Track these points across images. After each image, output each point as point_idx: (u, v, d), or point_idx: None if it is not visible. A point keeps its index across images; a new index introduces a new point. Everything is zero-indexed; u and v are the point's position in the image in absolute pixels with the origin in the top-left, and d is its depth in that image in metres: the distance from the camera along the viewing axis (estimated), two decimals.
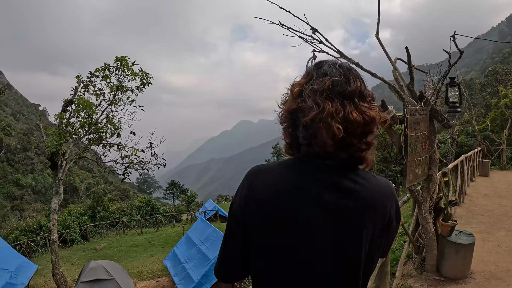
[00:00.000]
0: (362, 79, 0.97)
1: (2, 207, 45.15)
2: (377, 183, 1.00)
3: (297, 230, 0.95)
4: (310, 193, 0.95)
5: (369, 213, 0.96)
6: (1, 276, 11.47)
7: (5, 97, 71.34)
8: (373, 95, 0.98)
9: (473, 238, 3.78)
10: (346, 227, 0.94)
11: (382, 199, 0.99)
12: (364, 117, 0.91)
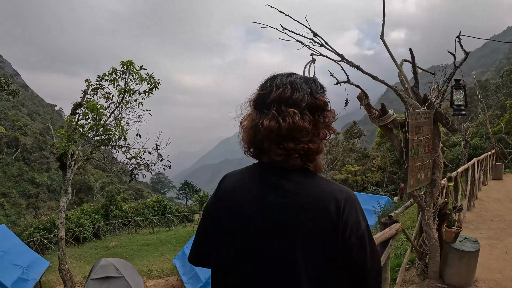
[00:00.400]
0: (295, 87, 1.03)
1: (17, 205, 46.28)
2: (325, 187, 1.02)
3: (242, 230, 1.04)
4: (250, 191, 1.06)
5: (305, 215, 0.99)
6: (13, 272, 11.68)
7: (22, 98, 73.05)
8: (320, 104, 1.04)
9: (478, 245, 3.68)
10: (281, 227, 1.00)
11: (323, 203, 0.99)
12: (279, 123, 0.98)
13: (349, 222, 0.99)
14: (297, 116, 0.99)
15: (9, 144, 55.18)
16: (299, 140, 1.00)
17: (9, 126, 57.53)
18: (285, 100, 1.01)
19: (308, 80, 1.08)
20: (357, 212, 1.02)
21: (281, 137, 0.99)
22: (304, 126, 0.99)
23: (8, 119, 59.57)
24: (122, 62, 8.52)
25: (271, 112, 1.00)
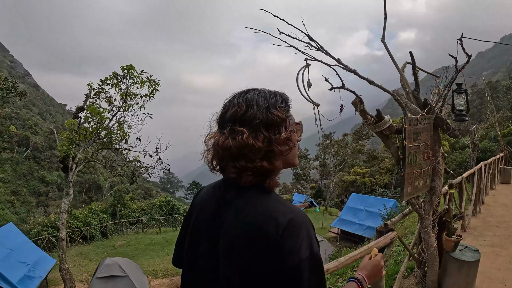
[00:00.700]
0: (250, 104, 1.03)
1: (27, 203, 47.00)
2: (270, 207, 1.00)
3: (198, 237, 1.10)
4: (211, 204, 1.11)
5: (246, 234, 0.98)
6: (20, 269, 11.89)
7: (33, 97, 74.17)
8: (275, 120, 1.03)
9: (479, 254, 3.57)
10: (226, 243, 1.01)
11: (263, 224, 0.97)
12: (257, 144, 0.99)
13: (286, 248, 0.93)
14: (245, 134, 0.99)
15: (20, 143, 56.13)
16: (251, 159, 1.00)
17: (20, 125, 58.51)
18: (238, 118, 1.02)
19: (270, 95, 1.07)
20: (299, 238, 0.95)
21: (233, 155, 1.01)
22: (254, 145, 0.98)
23: (19, 118, 60.58)
24: (123, 67, 8.61)
25: (226, 131, 1.02)
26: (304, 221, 0.98)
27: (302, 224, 0.97)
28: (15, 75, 63.68)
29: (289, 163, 1.13)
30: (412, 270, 4.14)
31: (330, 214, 30.65)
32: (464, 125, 34.18)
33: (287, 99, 1.11)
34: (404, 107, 3.36)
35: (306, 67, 3.10)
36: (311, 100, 3.02)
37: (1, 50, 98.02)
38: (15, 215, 41.89)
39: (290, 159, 1.12)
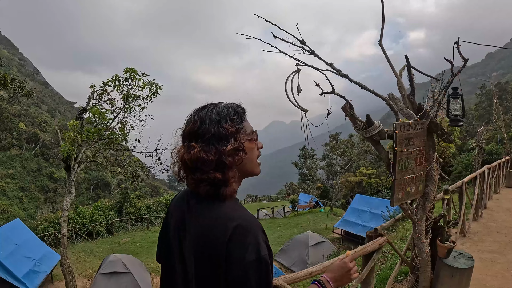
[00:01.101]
0: (203, 119, 1.12)
1: (36, 199, 47.63)
2: (221, 214, 1.07)
3: (170, 238, 1.21)
4: (179, 210, 1.20)
5: (200, 240, 1.06)
6: (25, 264, 12.13)
7: (42, 95, 75.04)
8: (224, 133, 1.10)
9: (472, 262, 3.52)
10: (186, 247, 1.11)
11: (214, 230, 1.04)
12: (209, 156, 1.07)
13: (233, 252, 1.00)
14: (196, 149, 1.07)
15: (29, 140, 56.88)
16: (203, 171, 1.07)
17: (29, 123, 59.27)
18: (193, 133, 1.11)
19: (223, 109, 1.15)
20: (246, 242, 1.01)
21: (189, 168, 1.10)
22: (204, 157, 1.07)
23: (28, 115, 61.38)
24: (126, 69, 8.81)
25: (184, 146, 1.12)
26: (251, 226, 1.04)
27: (249, 229, 1.03)
28: (25, 73, 64.73)
29: (247, 172, 1.20)
30: (406, 274, 4.10)
31: (335, 214, 30.53)
32: (471, 127, 33.71)
33: (240, 111, 1.18)
34: (398, 111, 3.33)
35: (296, 72, 3.09)
36: (298, 106, 3.02)
37: (11, 48, 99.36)
38: (23, 211, 42.49)
39: (247, 168, 1.18)
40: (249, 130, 1.19)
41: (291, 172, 61.28)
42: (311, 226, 25.12)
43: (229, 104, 1.18)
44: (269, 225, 27.58)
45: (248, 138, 1.17)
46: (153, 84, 9.07)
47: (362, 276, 3.02)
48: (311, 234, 17.51)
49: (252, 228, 1.04)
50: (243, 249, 0.99)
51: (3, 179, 47.36)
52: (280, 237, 23.07)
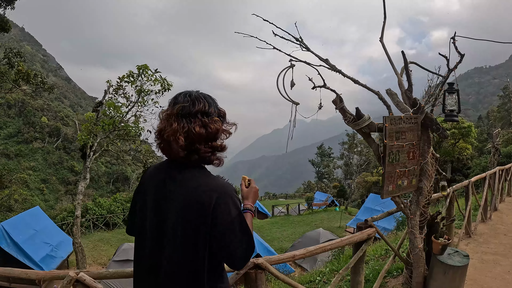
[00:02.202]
0: (209, 102, 1.41)
1: (56, 191, 49.15)
2: (205, 182, 1.35)
3: (148, 208, 1.41)
4: (159, 181, 1.41)
5: (186, 202, 1.32)
6: (43, 249, 12.71)
7: (64, 90, 77.23)
8: (221, 112, 1.46)
9: (467, 260, 3.48)
10: (171, 209, 1.34)
11: (200, 194, 1.31)
12: (207, 129, 1.36)
13: (219, 211, 1.30)
14: (218, 122, 1.40)
15: (51, 133, 58.72)
16: (211, 142, 1.39)
17: (52, 117, 61.20)
18: (203, 112, 1.38)
19: (209, 96, 1.46)
20: (229, 204, 1.32)
21: (200, 140, 1.36)
22: (220, 129, 1.41)
23: (51, 110, 63.38)
24: (138, 66, 9.19)
25: (198, 120, 1.36)
26: (230, 191, 1.36)
27: (228, 193, 1.35)
28: (48, 68, 66.82)
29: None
30: (403, 270, 4.10)
31: (350, 213, 30.25)
32: (494, 129, 32.61)
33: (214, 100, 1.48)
34: (390, 106, 3.33)
35: (289, 67, 3.15)
36: (289, 99, 3.08)
37: (34, 44, 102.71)
38: (44, 202, 43.98)
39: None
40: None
41: (309, 170, 60.95)
42: (325, 224, 25.02)
43: (207, 94, 1.47)
44: (283, 222, 27.62)
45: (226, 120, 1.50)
46: (164, 80, 9.43)
47: (350, 265, 3.06)
48: (322, 231, 17.45)
49: (231, 192, 1.36)
50: (228, 208, 1.32)
51: (25, 170, 49.14)
52: (293, 234, 23.09)
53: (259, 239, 14.18)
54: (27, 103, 58.30)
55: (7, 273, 2.74)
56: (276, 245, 19.70)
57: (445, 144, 21.30)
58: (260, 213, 30.83)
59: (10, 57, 11.50)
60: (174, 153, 1.36)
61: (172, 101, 1.41)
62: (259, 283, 2.36)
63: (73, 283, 2.46)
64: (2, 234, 11.73)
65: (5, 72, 11.44)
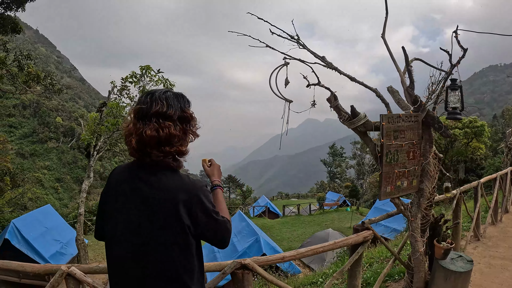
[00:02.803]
0: (169, 104, 1.37)
1: (70, 190, 50.06)
2: (178, 182, 1.36)
3: (118, 210, 1.38)
4: (128, 182, 1.39)
5: (161, 202, 1.32)
6: (53, 246, 12.94)
7: (79, 91, 78.59)
8: (185, 115, 1.41)
9: (471, 265, 3.32)
10: (145, 210, 1.33)
11: (175, 193, 1.33)
12: (159, 133, 1.32)
13: (194, 205, 1.34)
14: (172, 127, 1.35)
15: (66, 133, 59.83)
16: (172, 145, 1.36)
17: (66, 117, 62.34)
18: (162, 114, 1.34)
19: (180, 96, 1.44)
20: (201, 198, 1.36)
21: (158, 143, 1.33)
22: (177, 134, 1.36)
23: (66, 110, 64.59)
24: (141, 67, 9.30)
25: (151, 123, 1.33)
26: (202, 188, 1.40)
27: (200, 190, 1.38)
28: (62, 69, 68.13)
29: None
30: (405, 274, 3.96)
31: (361, 214, 29.91)
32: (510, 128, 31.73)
33: (189, 101, 1.48)
34: (388, 104, 3.21)
35: (284, 65, 3.07)
36: (282, 97, 3.00)
37: (48, 45, 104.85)
38: (58, 200, 44.83)
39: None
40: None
41: (322, 170, 60.59)
42: (335, 225, 24.79)
43: (179, 93, 1.46)
44: (294, 222, 27.50)
45: (194, 122, 1.47)
46: (167, 80, 9.53)
47: (344, 269, 2.96)
48: (331, 232, 17.26)
49: (202, 190, 1.39)
50: (201, 201, 1.36)
51: (40, 170, 50.19)
52: (303, 234, 22.94)
53: (266, 239, 14.11)
54: (41, 104, 59.52)
55: (5, 266, 2.80)
56: (285, 245, 19.58)
57: (458, 144, 20.85)
58: (271, 212, 30.79)
59: (20, 59, 11.78)
60: (130, 154, 1.40)
61: (144, 100, 1.40)
62: (245, 284, 2.30)
63: (64, 277, 2.52)
64: (14, 231, 11.98)
65: (16, 74, 11.70)
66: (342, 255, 8.70)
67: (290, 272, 11.68)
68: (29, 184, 24.28)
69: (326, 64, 3.24)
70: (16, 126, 56.35)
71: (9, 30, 12.85)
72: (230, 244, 14.63)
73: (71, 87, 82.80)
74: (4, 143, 30.60)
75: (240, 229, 15.10)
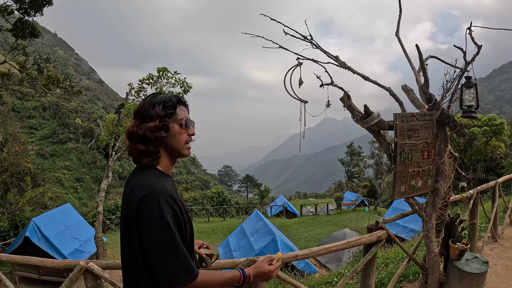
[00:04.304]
0: (154, 106, 1.40)
1: (90, 189, 51.18)
2: (140, 182, 1.32)
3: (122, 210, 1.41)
4: (127, 183, 1.45)
5: (128, 205, 1.30)
6: (73, 243, 13.33)
7: (97, 92, 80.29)
8: (160, 114, 1.39)
9: (486, 267, 3.26)
10: (124, 212, 1.36)
11: (134, 196, 1.28)
12: (138, 131, 1.36)
13: (142, 213, 1.24)
14: (133, 124, 1.40)
15: (85, 134, 61.17)
16: (134, 142, 1.39)
17: (85, 118, 63.71)
18: (136, 113, 1.43)
19: (162, 98, 1.43)
20: (153, 205, 1.24)
21: (128, 139, 1.42)
22: (135, 132, 1.37)
23: (85, 111, 66.02)
24: (158, 69, 9.47)
25: (136, 123, 1.40)
26: (159, 193, 1.26)
27: (157, 194, 1.26)
28: (80, 72, 69.81)
29: (174, 151, 1.46)
30: (419, 275, 3.92)
31: (379, 214, 29.54)
32: None
33: (175, 101, 1.45)
34: (402, 102, 3.19)
35: (297, 66, 3.09)
36: (297, 98, 3.03)
37: (67, 49, 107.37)
38: (78, 200, 45.92)
39: (174, 147, 1.45)
40: (181, 117, 1.45)
41: (340, 170, 60.06)
42: (353, 225, 24.57)
43: (170, 95, 1.46)
44: (311, 222, 27.41)
45: (178, 123, 1.43)
46: (184, 82, 9.66)
47: (357, 269, 2.96)
48: (348, 231, 17.12)
49: (158, 194, 1.26)
50: (151, 210, 1.23)
51: (60, 170, 51.51)
52: (320, 234, 22.83)
53: (283, 239, 14.12)
54: (61, 106, 61.04)
55: (26, 261, 2.91)
56: (302, 245, 19.53)
57: (477, 143, 20.28)
58: (289, 212, 30.83)
59: (39, 63, 12.18)
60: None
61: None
62: (258, 282, 2.33)
63: (83, 272, 2.61)
64: (34, 229, 12.40)
65: (36, 78, 12.09)
66: (358, 254, 8.64)
67: (306, 272, 11.66)
68: (50, 183, 25.00)
69: (340, 63, 3.24)
70: (37, 128, 58.01)
71: (28, 35, 13.27)
72: (247, 243, 14.77)
73: (89, 89, 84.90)
74: (25, 144, 31.56)
75: (257, 229, 15.21)
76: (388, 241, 14.39)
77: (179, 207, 1.30)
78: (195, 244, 1.72)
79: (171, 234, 1.23)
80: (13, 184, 18.86)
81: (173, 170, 1.55)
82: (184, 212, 1.34)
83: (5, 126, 29.38)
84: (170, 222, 1.23)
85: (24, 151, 26.66)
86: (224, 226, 24.96)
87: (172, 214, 1.25)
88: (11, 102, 55.07)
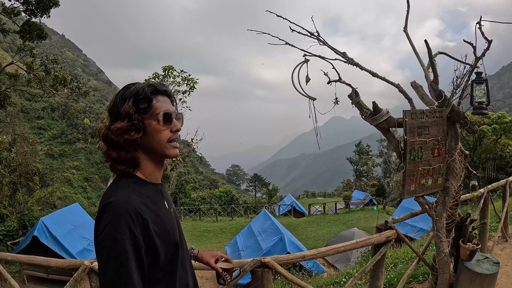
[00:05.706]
0: (124, 101, 1.13)
1: (98, 189, 51.61)
2: (104, 195, 1.12)
3: None
4: None
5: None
6: (80, 243, 13.35)
7: (105, 93, 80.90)
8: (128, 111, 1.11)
9: (497, 268, 3.18)
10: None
11: (99, 206, 1.09)
12: (108, 134, 1.12)
13: (96, 228, 1.06)
14: (102, 127, 1.18)
15: (93, 134, 61.65)
16: (107, 148, 1.17)
17: (94, 118, 64.21)
18: (108, 112, 1.19)
19: (134, 89, 1.16)
20: (106, 220, 1.02)
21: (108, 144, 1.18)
22: (107, 136, 1.15)
23: (93, 112, 66.59)
24: (164, 67, 9.47)
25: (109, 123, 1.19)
26: (116, 206, 1.04)
27: (113, 208, 1.04)
28: (88, 72, 70.39)
29: (156, 153, 1.19)
30: (429, 275, 3.85)
31: (387, 213, 29.32)
32: None
33: (149, 91, 1.16)
34: (411, 99, 3.13)
35: (304, 62, 3.05)
36: (306, 95, 2.98)
37: (75, 50, 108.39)
38: (87, 199, 46.34)
39: (154, 149, 1.18)
40: (159, 111, 1.16)
41: (349, 168, 59.79)
42: (361, 224, 24.41)
43: (143, 84, 1.17)
44: (319, 221, 27.33)
45: (155, 118, 1.14)
46: (189, 79, 9.64)
47: (365, 269, 2.91)
48: (357, 231, 17.03)
49: (115, 208, 1.03)
50: (101, 227, 1.03)
51: (69, 170, 52.03)
52: (329, 233, 22.74)
53: (291, 238, 14.07)
54: (69, 106, 61.64)
55: (31, 260, 2.91)
56: (310, 244, 19.46)
57: (486, 141, 19.98)
58: (297, 211, 30.77)
59: (46, 64, 12.28)
60: None
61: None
62: (265, 282, 2.30)
63: (87, 272, 2.58)
64: (42, 229, 12.49)
65: (43, 78, 12.20)
66: (366, 254, 8.55)
67: (315, 272, 11.60)
68: (58, 183, 25.23)
69: (347, 60, 3.20)
70: (45, 128, 58.63)
71: (35, 37, 13.32)
72: (254, 243, 14.77)
73: (98, 89, 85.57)
74: (34, 144, 31.89)
75: (265, 228, 15.18)
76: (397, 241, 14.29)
77: (145, 227, 1.05)
78: (211, 257, 1.50)
79: (118, 259, 0.99)
80: (21, 184, 19.04)
81: (180, 169, 1.32)
82: (156, 233, 1.09)
83: (13, 126, 29.73)
84: (120, 245, 1.00)
85: (32, 151, 26.93)
86: (232, 225, 25.00)
87: (128, 236, 1.01)
88: (20, 103, 55.73)
